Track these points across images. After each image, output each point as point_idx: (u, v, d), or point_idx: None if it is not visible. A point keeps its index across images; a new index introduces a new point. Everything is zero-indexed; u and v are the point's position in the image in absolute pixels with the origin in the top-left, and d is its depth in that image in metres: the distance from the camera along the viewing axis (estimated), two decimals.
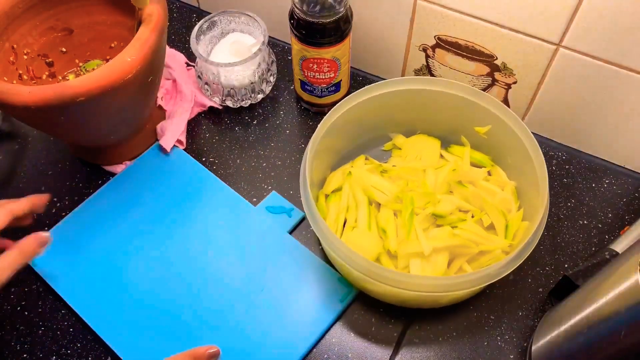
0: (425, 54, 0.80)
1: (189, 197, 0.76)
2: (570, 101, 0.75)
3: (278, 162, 0.80)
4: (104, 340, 0.67)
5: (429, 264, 0.67)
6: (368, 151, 0.78)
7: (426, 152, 0.76)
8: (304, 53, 0.75)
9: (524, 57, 0.72)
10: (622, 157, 0.78)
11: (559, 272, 0.71)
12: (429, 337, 0.68)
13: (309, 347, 0.67)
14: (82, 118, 0.67)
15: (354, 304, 0.70)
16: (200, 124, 0.84)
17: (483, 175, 0.73)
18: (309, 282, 0.70)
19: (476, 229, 0.69)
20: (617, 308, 0.50)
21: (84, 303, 0.69)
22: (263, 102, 0.86)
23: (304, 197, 0.65)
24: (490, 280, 0.60)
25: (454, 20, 0.73)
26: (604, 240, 0.73)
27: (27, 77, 0.75)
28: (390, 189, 0.72)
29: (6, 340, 0.68)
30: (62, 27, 0.77)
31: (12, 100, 0.62)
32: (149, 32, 0.66)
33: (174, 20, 0.95)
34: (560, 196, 0.77)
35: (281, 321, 0.68)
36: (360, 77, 0.88)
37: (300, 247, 0.72)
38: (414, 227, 0.68)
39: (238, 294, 0.69)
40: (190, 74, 0.86)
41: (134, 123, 0.77)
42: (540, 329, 0.64)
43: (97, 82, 0.62)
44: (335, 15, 0.71)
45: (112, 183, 0.78)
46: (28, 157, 0.82)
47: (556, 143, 0.81)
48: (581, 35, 0.66)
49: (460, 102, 0.71)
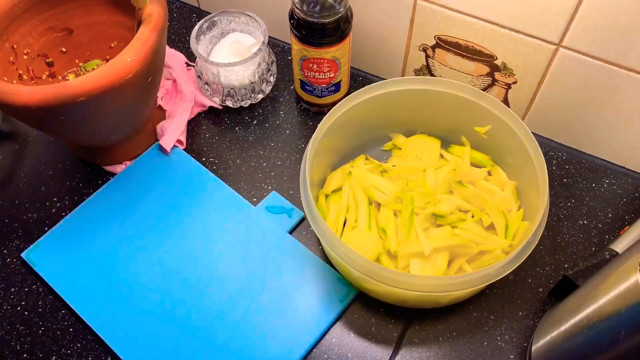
0: (425, 54, 0.80)
1: (189, 197, 0.76)
2: (570, 101, 0.75)
3: (278, 162, 0.80)
4: (104, 340, 0.67)
5: (429, 264, 0.67)
6: (368, 151, 0.79)
7: (426, 152, 0.76)
8: (304, 53, 0.75)
9: (524, 57, 0.72)
10: (622, 157, 0.78)
11: (559, 272, 0.71)
12: (429, 337, 0.68)
13: (309, 347, 0.67)
14: (82, 118, 0.67)
15: (354, 304, 0.70)
16: (200, 124, 0.84)
17: (483, 175, 0.73)
18: (309, 282, 0.70)
19: (476, 229, 0.69)
20: (617, 308, 0.50)
21: (84, 303, 0.69)
22: (263, 102, 0.86)
23: (304, 197, 0.65)
24: (490, 280, 0.60)
25: (454, 20, 0.73)
26: (604, 240, 0.73)
27: (27, 77, 0.75)
28: (390, 189, 0.72)
29: (6, 340, 0.68)
30: (62, 27, 0.77)
31: (12, 100, 0.62)
32: (149, 32, 0.66)
33: (174, 20, 0.95)
34: (560, 196, 0.77)
35: (281, 321, 0.68)
36: (360, 77, 0.88)
37: (300, 247, 0.72)
38: (414, 227, 0.68)
39: (238, 294, 0.69)
40: (190, 74, 0.86)
41: (134, 123, 0.77)
42: (540, 329, 0.64)
43: (97, 82, 0.62)
44: (335, 15, 0.71)
45: (112, 183, 0.78)
46: (28, 157, 0.82)
47: (556, 143, 0.81)
48: (581, 35, 0.66)
49: (460, 102, 0.71)
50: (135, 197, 0.76)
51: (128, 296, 0.69)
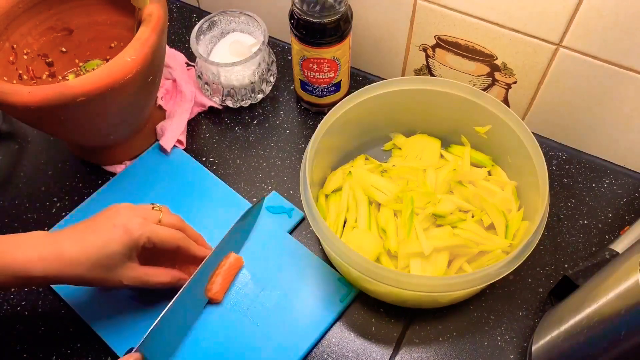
0: (425, 54, 0.80)
1: (188, 197, 0.76)
2: (570, 101, 0.75)
3: (278, 162, 0.80)
4: (104, 340, 0.67)
5: (429, 264, 0.67)
6: (368, 151, 0.79)
7: (426, 152, 0.76)
8: (304, 53, 0.75)
9: (524, 57, 0.72)
10: (622, 157, 0.78)
11: (559, 272, 0.71)
12: (429, 337, 0.68)
13: (309, 347, 0.67)
14: (82, 118, 0.67)
15: (354, 304, 0.70)
16: (200, 124, 0.84)
17: (483, 175, 0.73)
18: (309, 282, 0.70)
19: (476, 229, 0.69)
20: (617, 308, 0.50)
21: (84, 303, 0.69)
22: (263, 102, 0.86)
23: (304, 197, 0.65)
24: (490, 280, 0.60)
25: (454, 20, 0.73)
26: (604, 240, 0.73)
27: (27, 77, 0.75)
28: (391, 189, 0.72)
29: (6, 340, 0.68)
30: (62, 27, 0.77)
31: (12, 100, 0.62)
32: (149, 32, 0.66)
33: (174, 20, 0.95)
34: (560, 196, 0.77)
35: (281, 321, 0.68)
36: (360, 77, 0.88)
37: (300, 247, 0.72)
38: (414, 227, 0.68)
39: (238, 294, 0.69)
40: (190, 74, 0.86)
41: (134, 123, 0.77)
42: (540, 329, 0.64)
43: (97, 82, 0.62)
44: (335, 15, 0.71)
45: (112, 183, 0.78)
46: (28, 157, 0.82)
47: (556, 143, 0.81)
48: (581, 35, 0.66)
49: (460, 102, 0.71)
50: (135, 197, 0.76)
51: (128, 296, 0.69)
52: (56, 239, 0.59)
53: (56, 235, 0.60)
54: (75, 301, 0.69)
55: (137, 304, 0.69)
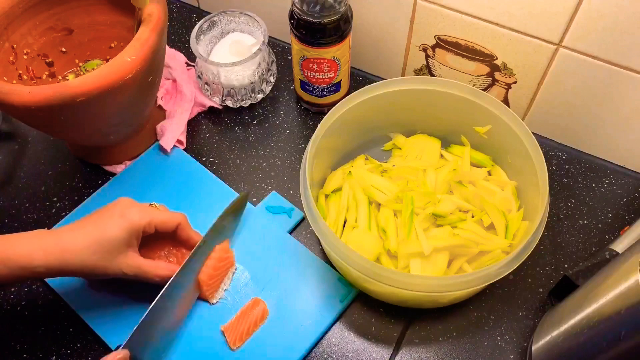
0: (425, 54, 0.80)
1: (188, 197, 0.76)
2: (571, 101, 0.75)
3: (278, 162, 0.80)
4: (104, 340, 0.67)
5: (429, 264, 0.67)
6: (368, 151, 0.79)
7: (426, 152, 0.76)
8: (304, 53, 0.75)
9: (524, 57, 0.72)
10: (622, 157, 0.78)
11: (559, 272, 0.71)
12: (429, 337, 0.68)
13: (309, 347, 0.67)
14: (82, 118, 0.67)
15: (354, 304, 0.70)
16: (200, 124, 0.84)
17: (483, 175, 0.73)
18: (309, 282, 0.70)
19: (476, 229, 0.69)
20: (617, 308, 0.50)
21: (84, 303, 0.69)
22: (263, 102, 0.86)
23: (304, 197, 0.65)
24: (490, 280, 0.60)
25: (454, 20, 0.73)
26: (604, 240, 0.73)
27: (27, 77, 0.75)
28: (391, 189, 0.72)
29: (6, 340, 0.68)
30: (62, 27, 0.77)
31: (12, 100, 0.62)
32: (149, 32, 0.66)
33: (174, 20, 0.95)
34: (560, 196, 0.77)
35: (281, 321, 0.68)
36: (360, 77, 0.88)
37: (300, 247, 0.72)
38: (414, 227, 0.68)
39: (238, 294, 0.69)
40: (190, 74, 0.86)
41: (134, 123, 0.77)
42: (540, 329, 0.64)
43: (97, 82, 0.62)
44: (335, 15, 0.71)
45: (112, 183, 0.78)
46: (28, 157, 0.82)
47: (556, 143, 0.81)
48: (581, 35, 0.66)
49: (460, 102, 0.71)
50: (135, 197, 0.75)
51: (127, 296, 0.69)
52: (57, 232, 0.62)
53: (57, 229, 0.63)
54: (75, 301, 0.69)
55: (137, 304, 0.69)
